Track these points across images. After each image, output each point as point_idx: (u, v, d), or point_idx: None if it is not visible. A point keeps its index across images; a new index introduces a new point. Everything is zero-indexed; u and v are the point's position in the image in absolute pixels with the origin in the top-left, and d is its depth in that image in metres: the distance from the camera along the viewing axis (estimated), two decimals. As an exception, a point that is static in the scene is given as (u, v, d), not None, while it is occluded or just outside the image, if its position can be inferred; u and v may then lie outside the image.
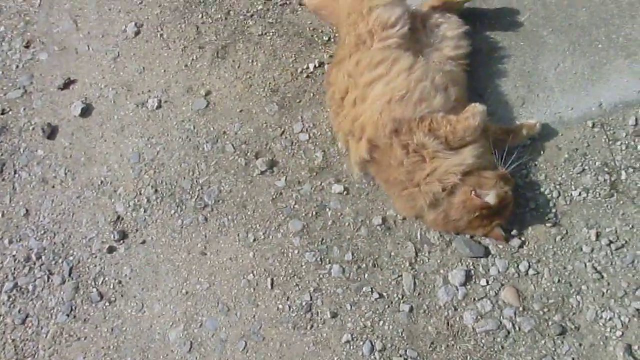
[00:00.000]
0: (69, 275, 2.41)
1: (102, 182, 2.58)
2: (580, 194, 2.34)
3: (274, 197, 2.47)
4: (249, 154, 2.55)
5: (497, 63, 2.58)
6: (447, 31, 2.43)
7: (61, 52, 2.86)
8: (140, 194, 2.53)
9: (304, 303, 2.28)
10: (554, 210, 2.32)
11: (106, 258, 2.43)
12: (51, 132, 2.69)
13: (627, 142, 2.39)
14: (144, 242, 2.45)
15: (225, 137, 2.60)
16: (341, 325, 2.24)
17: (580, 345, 2.14)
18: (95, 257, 2.44)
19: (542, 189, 2.36)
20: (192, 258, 2.40)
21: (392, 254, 2.33)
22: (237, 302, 2.31)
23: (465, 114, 2.22)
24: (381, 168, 2.24)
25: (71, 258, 2.44)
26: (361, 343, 2.21)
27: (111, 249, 2.45)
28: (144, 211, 2.50)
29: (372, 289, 2.28)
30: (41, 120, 2.71)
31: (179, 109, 2.69)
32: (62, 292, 2.38)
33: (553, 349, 2.14)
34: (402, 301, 2.25)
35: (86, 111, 2.72)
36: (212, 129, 2.62)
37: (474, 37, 2.52)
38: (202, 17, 2.85)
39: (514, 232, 2.29)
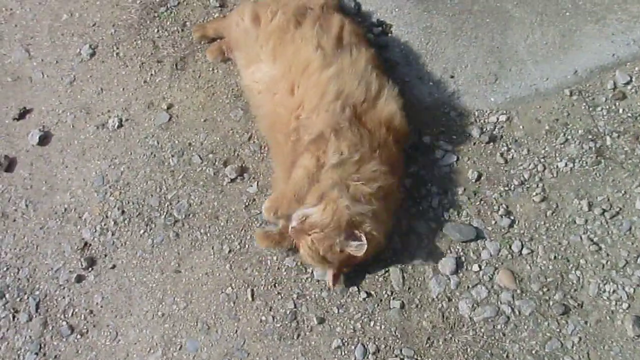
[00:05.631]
0: (36, 310, 2.24)
1: (65, 209, 2.43)
2: (566, 164, 2.22)
3: (247, 204, 2.33)
4: (217, 162, 2.43)
5: (464, 42, 2.48)
6: None
7: (15, 82, 2.74)
8: (107, 217, 2.39)
9: (288, 311, 2.13)
10: (541, 185, 2.20)
11: (75, 288, 2.27)
12: (9, 165, 2.54)
13: (608, 107, 2.29)
14: (114, 266, 2.30)
15: (191, 148, 2.47)
16: (330, 331, 2.09)
17: (586, 322, 2.00)
18: (64, 288, 2.28)
19: (526, 165, 2.24)
20: (166, 277, 2.25)
21: (377, 249, 2.19)
22: (218, 318, 2.15)
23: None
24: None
25: (37, 292, 2.28)
26: (353, 347, 2.05)
27: (80, 278, 2.29)
28: (112, 234, 2.35)
29: (359, 288, 2.13)
30: (-3, 153, 2.58)
31: (141, 126, 2.56)
32: (29, 330, 2.21)
33: (558, 330, 2.00)
34: (392, 298, 2.11)
35: (44, 139, 2.59)
36: (176, 142, 2.50)
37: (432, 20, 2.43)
38: (158, 31, 2.75)
39: (501, 211, 2.17)
